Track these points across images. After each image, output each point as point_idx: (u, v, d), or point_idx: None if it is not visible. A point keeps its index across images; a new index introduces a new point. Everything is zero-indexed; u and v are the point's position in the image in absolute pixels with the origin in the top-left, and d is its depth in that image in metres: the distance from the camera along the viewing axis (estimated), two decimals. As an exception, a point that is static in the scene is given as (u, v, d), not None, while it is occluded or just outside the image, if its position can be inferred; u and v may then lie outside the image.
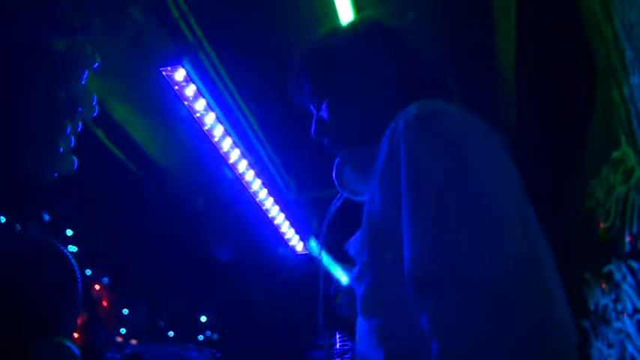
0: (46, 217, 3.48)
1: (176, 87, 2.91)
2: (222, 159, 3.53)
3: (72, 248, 3.65)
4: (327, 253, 1.12)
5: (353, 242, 0.94)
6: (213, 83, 2.98)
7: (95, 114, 2.47)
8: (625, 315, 2.27)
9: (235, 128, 3.36)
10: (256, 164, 3.75)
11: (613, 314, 2.44)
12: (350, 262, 0.93)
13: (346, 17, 2.60)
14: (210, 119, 3.18)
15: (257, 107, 3.45)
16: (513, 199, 0.79)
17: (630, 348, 2.24)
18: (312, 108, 1.08)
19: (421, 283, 0.73)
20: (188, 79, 2.85)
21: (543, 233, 0.85)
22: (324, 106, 1.04)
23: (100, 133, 3.35)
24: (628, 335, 2.26)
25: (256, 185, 3.92)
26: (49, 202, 3.49)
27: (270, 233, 4.63)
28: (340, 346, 4.22)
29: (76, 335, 3.80)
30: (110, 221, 3.93)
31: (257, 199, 4.07)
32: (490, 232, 0.73)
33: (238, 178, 3.76)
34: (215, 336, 5.67)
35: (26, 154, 2.23)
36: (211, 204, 4.23)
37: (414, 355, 0.76)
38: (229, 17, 2.79)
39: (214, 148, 3.43)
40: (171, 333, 5.31)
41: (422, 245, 0.74)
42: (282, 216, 4.41)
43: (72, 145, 2.35)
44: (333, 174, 1.05)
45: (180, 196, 4.10)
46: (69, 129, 2.31)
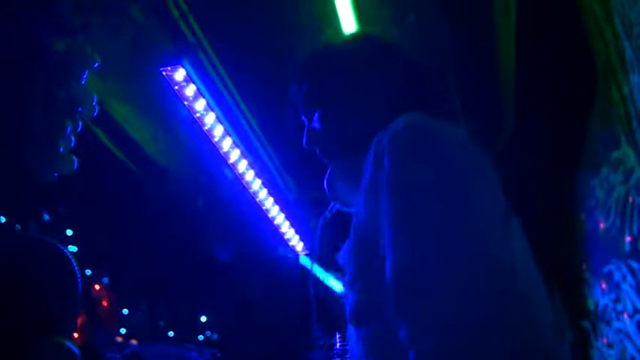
0: (46, 217, 3.48)
1: (176, 87, 2.91)
2: (222, 159, 3.53)
3: (72, 248, 3.65)
4: (320, 263, 1.13)
5: (342, 253, 0.96)
6: (213, 83, 2.98)
7: (95, 114, 2.47)
8: (625, 315, 2.27)
9: (235, 128, 3.36)
10: (256, 164, 3.75)
11: (613, 314, 2.44)
12: (342, 272, 0.95)
13: (346, 17, 2.60)
14: (210, 119, 3.18)
15: (257, 107, 3.45)
16: (493, 213, 0.80)
17: (630, 348, 2.24)
18: (304, 118, 1.09)
19: (399, 292, 0.75)
20: (188, 79, 2.85)
21: (526, 243, 0.88)
22: (316, 117, 1.05)
23: (100, 133, 3.35)
24: (628, 335, 2.26)
25: (256, 185, 3.92)
26: (49, 202, 3.49)
27: (270, 233, 4.63)
28: (340, 346, 4.23)
29: (76, 335, 3.80)
30: (110, 221, 3.93)
31: (257, 199, 4.08)
32: (467, 243, 0.74)
33: (238, 178, 3.77)
34: (215, 336, 5.67)
35: (26, 154, 2.23)
36: (211, 204, 4.23)
37: None
38: (229, 17, 2.79)
39: (214, 148, 3.43)
40: (171, 333, 5.31)
41: (401, 254, 0.76)
42: (282, 216, 4.41)
43: (72, 145, 2.35)
44: (324, 184, 1.06)
45: (180, 196, 4.10)
46: (69, 129, 2.31)
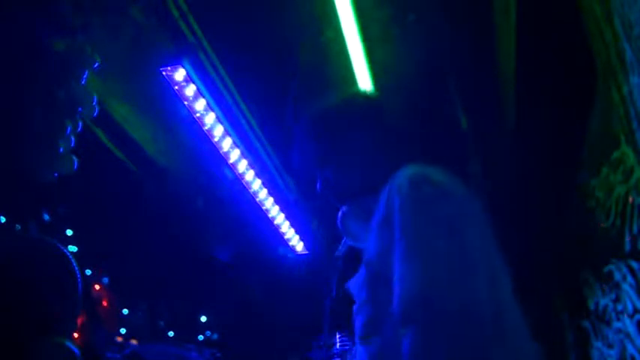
0: (46, 217, 3.48)
1: (176, 87, 2.91)
2: (222, 159, 3.53)
3: (72, 248, 3.65)
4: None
5: (353, 282, 1.14)
6: (213, 83, 2.98)
7: (95, 114, 2.47)
8: (625, 315, 2.27)
9: (235, 128, 3.35)
10: (256, 164, 3.75)
11: (613, 314, 2.44)
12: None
13: (346, 17, 2.60)
14: (210, 119, 3.18)
15: (257, 107, 3.45)
16: (483, 251, 1.00)
17: (630, 348, 2.25)
18: (317, 169, 1.29)
19: (405, 316, 0.93)
20: (188, 79, 2.85)
21: (509, 279, 1.05)
22: (329, 169, 1.26)
23: (100, 133, 3.35)
24: (628, 335, 2.26)
25: (256, 185, 3.92)
26: (49, 202, 3.49)
27: (270, 233, 4.62)
28: (340, 346, 4.23)
29: (76, 335, 3.80)
30: (110, 221, 3.93)
31: (257, 199, 4.07)
32: (462, 277, 0.93)
33: (238, 178, 3.76)
34: (215, 336, 5.67)
35: (26, 154, 2.23)
36: (211, 204, 4.23)
37: None
38: (229, 17, 2.79)
39: (214, 148, 3.43)
40: (171, 333, 5.31)
41: (408, 285, 0.94)
42: (282, 216, 4.41)
43: (72, 145, 2.35)
44: (338, 224, 1.26)
45: (180, 196, 4.10)
46: (69, 129, 2.31)
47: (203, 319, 5.64)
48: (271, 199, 4.15)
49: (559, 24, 2.32)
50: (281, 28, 2.79)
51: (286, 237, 4.72)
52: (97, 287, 4.52)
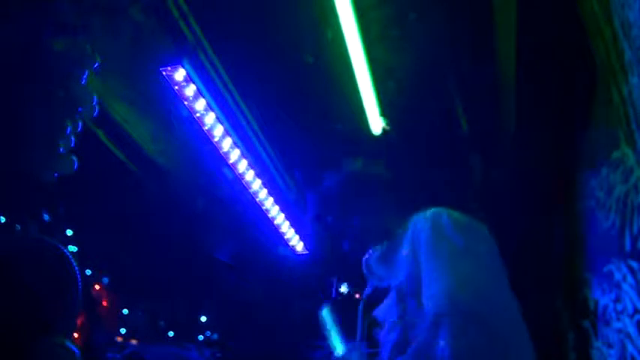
0: (46, 217, 3.48)
1: (176, 87, 2.91)
2: (222, 159, 3.53)
3: (72, 248, 3.65)
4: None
5: (382, 309, 1.38)
6: (213, 83, 2.98)
7: (95, 114, 2.47)
8: (625, 315, 2.27)
9: (235, 128, 3.35)
10: (256, 164, 3.74)
11: (613, 314, 2.44)
12: (377, 325, 1.39)
13: (346, 17, 2.60)
14: (210, 119, 3.18)
15: (257, 107, 3.45)
16: (496, 263, 1.26)
17: (630, 348, 2.24)
18: (344, 227, 1.57)
19: (437, 316, 1.13)
20: (188, 79, 2.85)
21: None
22: (355, 219, 1.53)
23: (100, 133, 3.34)
24: (628, 335, 2.26)
25: (256, 185, 3.92)
26: (49, 202, 3.49)
27: (270, 233, 4.62)
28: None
29: (76, 335, 3.80)
30: (110, 221, 3.93)
31: (257, 199, 4.07)
32: (484, 282, 1.19)
33: (238, 178, 3.76)
34: (215, 336, 5.67)
35: (26, 154, 2.23)
36: (211, 204, 4.23)
37: None
38: (229, 17, 2.79)
39: (214, 148, 3.43)
40: (171, 333, 5.31)
41: (438, 293, 1.17)
42: (282, 216, 4.41)
43: (72, 145, 2.35)
44: (364, 268, 1.52)
45: (180, 196, 4.09)
46: (69, 129, 2.30)
47: (203, 319, 5.64)
48: (271, 199, 4.15)
49: (559, 24, 2.32)
50: (281, 29, 2.79)
51: (286, 237, 4.72)
52: (97, 287, 4.52)
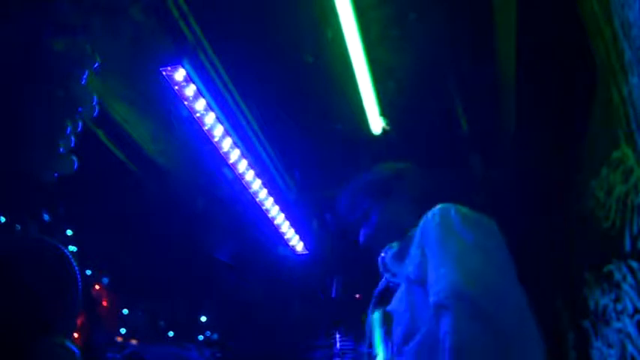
0: (46, 217, 3.48)
1: (176, 87, 2.90)
2: (222, 159, 3.53)
3: (72, 248, 3.65)
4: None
5: (393, 302, 1.40)
6: (213, 83, 2.98)
7: (95, 114, 2.47)
8: (625, 315, 2.27)
9: (235, 128, 3.35)
10: (256, 164, 3.74)
11: (613, 314, 2.44)
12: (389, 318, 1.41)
13: (346, 17, 2.60)
14: (210, 119, 3.18)
15: (257, 107, 3.45)
16: (503, 256, 1.27)
17: (630, 348, 2.25)
18: (359, 220, 1.64)
19: (441, 305, 1.16)
20: (188, 79, 2.85)
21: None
22: (368, 225, 1.61)
23: (100, 133, 3.34)
24: (628, 335, 2.26)
25: (256, 185, 3.91)
26: (49, 202, 3.49)
27: (270, 233, 4.62)
28: (340, 346, 4.23)
29: (76, 335, 3.80)
30: (110, 221, 3.93)
31: (257, 199, 4.07)
32: (492, 278, 1.18)
33: (238, 178, 3.76)
34: (215, 336, 5.66)
35: (26, 154, 2.23)
36: (211, 204, 4.23)
37: None
38: (229, 17, 2.79)
39: (214, 148, 3.42)
40: (171, 333, 5.31)
41: (443, 281, 1.19)
42: (282, 216, 4.40)
43: (72, 145, 2.35)
44: (380, 266, 1.56)
45: (180, 196, 4.09)
46: (69, 129, 2.30)
47: (203, 319, 5.64)
48: (271, 199, 4.15)
49: (559, 24, 2.32)
50: (281, 29, 2.79)
51: (286, 237, 4.72)
52: (97, 287, 4.51)
